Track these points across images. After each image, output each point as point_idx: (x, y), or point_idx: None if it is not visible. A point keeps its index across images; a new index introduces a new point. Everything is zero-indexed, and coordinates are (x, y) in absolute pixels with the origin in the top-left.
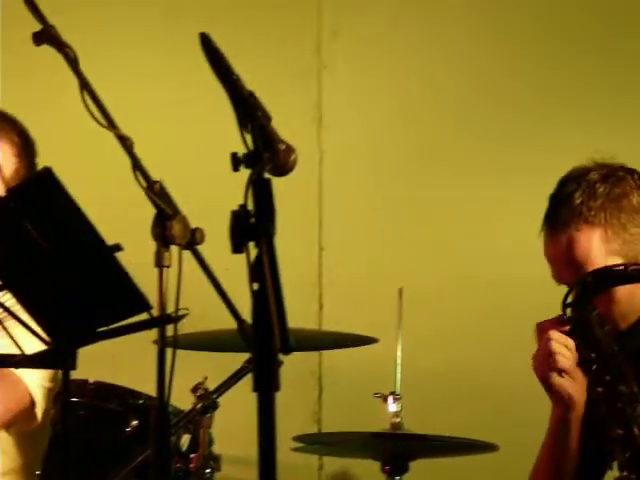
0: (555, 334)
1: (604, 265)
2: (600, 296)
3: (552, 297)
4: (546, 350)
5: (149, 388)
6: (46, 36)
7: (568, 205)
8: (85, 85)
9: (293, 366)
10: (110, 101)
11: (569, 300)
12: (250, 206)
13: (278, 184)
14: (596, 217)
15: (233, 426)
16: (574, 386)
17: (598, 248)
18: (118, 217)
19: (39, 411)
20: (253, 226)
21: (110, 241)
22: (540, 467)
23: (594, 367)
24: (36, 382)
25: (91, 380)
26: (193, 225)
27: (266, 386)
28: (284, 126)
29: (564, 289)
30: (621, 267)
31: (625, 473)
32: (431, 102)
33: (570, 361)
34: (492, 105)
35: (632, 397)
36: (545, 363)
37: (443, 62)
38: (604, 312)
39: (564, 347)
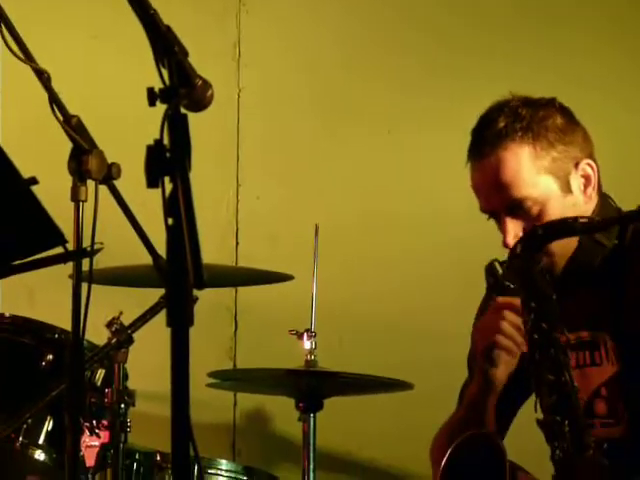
0: (510, 315)
1: (537, 190)
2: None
3: (468, 234)
4: (496, 326)
5: (64, 322)
6: None
7: (493, 129)
8: (2, 18)
9: (209, 302)
10: (27, 36)
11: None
12: (166, 141)
13: (197, 120)
14: (524, 135)
15: (148, 361)
16: (503, 371)
17: (528, 166)
18: (35, 150)
19: None
20: (168, 161)
21: (26, 174)
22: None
23: (532, 316)
24: None
25: (6, 314)
26: (110, 160)
27: (180, 321)
28: (203, 63)
29: (478, 225)
30: (570, 220)
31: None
32: (347, 43)
33: (514, 344)
34: (400, 50)
35: (565, 345)
36: (490, 338)
37: (358, 3)
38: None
39: (515, 329)
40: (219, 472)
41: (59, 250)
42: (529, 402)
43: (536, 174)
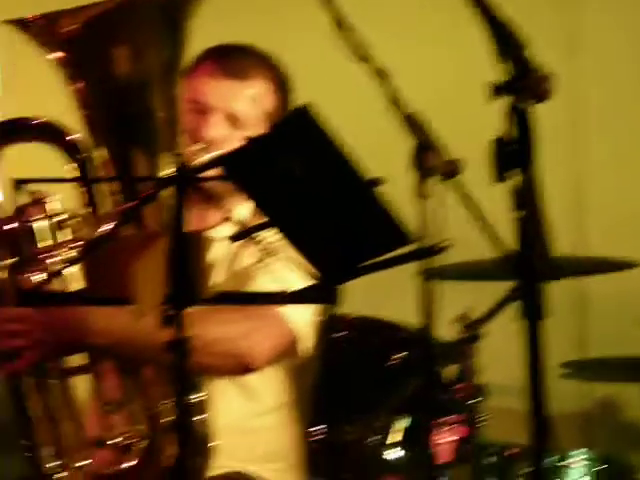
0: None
1: None
2: None
3: None
4: None
5: (412, 320)
6: None
7: None
8: (340, 19)
9: (558, 292)
10: (365, 35)
11: None
12: (509, 134)
13: (541, 112)
14: None
15: (498, 355)
16: None
17: None
18: (376, 150)
19: (305, 346)
20: (514, 154)
21: (370, 174)
22: None
23: None
24: (300, 318)
25: (353, 314)
26: (451, 156)
27: (532, 314)
28: (538, 54)
29: None
30: None
31: None
32: None
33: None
34: None
35: None
36: None
37: None
38: None
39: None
40: (575, 462)
41: (406, 248)
42: None
43: None
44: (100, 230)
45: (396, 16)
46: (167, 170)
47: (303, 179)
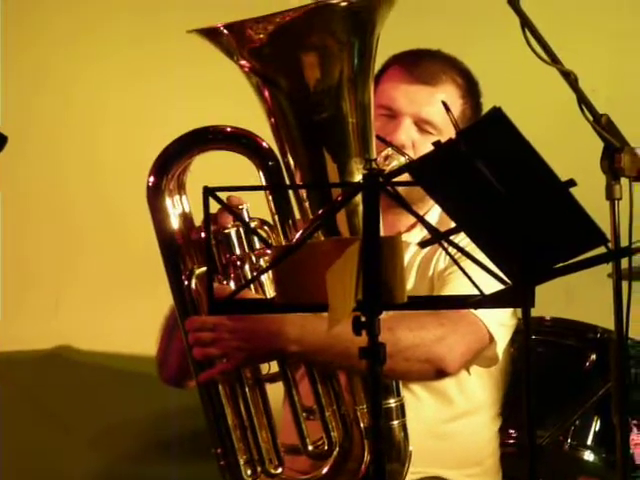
0: None
1: None
2: None
3: None
4: None
5: (605, 321)
6: None
7: None
8: (526, 23)
9: None
10: (551, 38)
11: None
12: None
13: None
14: None
15: None
16: None
17: None
18: (565, 153)
19: (499, 350)
20: None
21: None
22: None
23: None
24: (495, 321)
25: (547, 317)
26: None
27: None
28: None
29: None
30: None
31: None
32: None
33: None
34: None
35: None
36: None
37: None
38: None
39: None
40: None
41: (597, 250)
42: None
43: None
44: (292, 237)
45: (582, 18)
46: (358, 176)
47: (494, 182)
